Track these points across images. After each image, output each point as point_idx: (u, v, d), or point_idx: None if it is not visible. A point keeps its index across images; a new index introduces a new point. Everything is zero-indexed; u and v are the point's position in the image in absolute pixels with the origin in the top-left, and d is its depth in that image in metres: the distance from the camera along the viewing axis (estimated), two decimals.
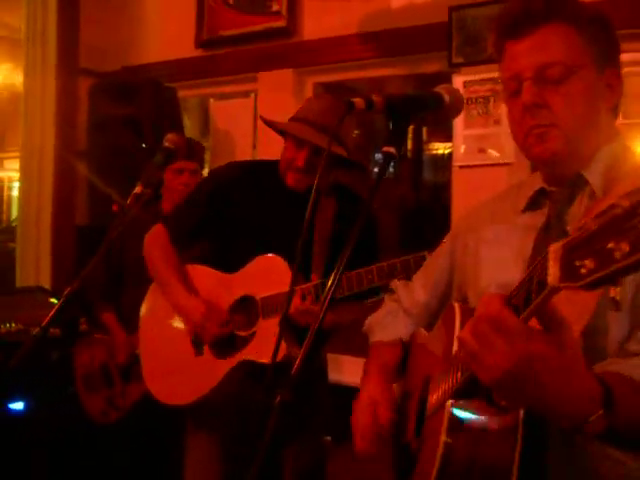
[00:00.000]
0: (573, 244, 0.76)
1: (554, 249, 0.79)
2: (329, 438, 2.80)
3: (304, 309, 1.98)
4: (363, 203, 1.09)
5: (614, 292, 0.73)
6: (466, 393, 1.09)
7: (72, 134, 3.97)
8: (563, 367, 0.90)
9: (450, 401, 1.11)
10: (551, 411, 0.94)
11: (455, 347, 1.17)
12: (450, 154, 4.52)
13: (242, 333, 2.16)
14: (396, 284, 1.64)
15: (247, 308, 2.16)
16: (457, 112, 1.20)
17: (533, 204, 1.29)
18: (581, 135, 1.19)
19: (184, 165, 2.97)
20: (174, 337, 2.26)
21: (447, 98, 1.18)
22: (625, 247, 0.69)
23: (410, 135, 7.02)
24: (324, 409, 2.37)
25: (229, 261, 2.22)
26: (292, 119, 2.23)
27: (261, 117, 2.30)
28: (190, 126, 4.27)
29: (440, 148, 6.57)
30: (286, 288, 2.04)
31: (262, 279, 2.14)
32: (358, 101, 1.10)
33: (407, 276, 1.90)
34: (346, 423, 1.50)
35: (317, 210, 2.23)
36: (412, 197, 6.46)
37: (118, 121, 3.67)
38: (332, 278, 1.03)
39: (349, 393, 1.61)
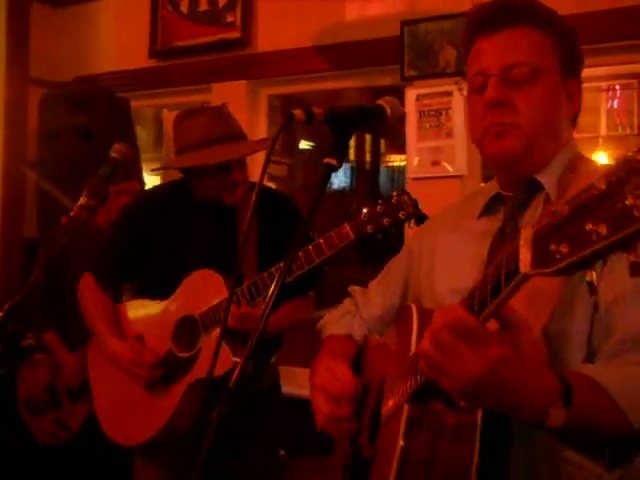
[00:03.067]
0: (545, 229, 0.74)
1: (525, 235, 0.77)
2: (283, 452, 2.78)
3: (242, 314, 1.95)
4: (306, 215, 1.08)
5: (590, 276, 0.72)
6: (423, 396, 1.09)
7: (21, 144, 3.88)
8: (525, 366, 0.90)
9: (407, 406, 1.10)
10: (512, 408, 0.94)
11: (413, 349, 1.16)
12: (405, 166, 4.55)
13: (187, 354, 2.12)
14: (354, 289, 1.64)
15: (189, 328, 2.13)
16: (398, 123, 1.21)
17: (489, 210, 1.29)
18: (540, 138, 1.19)
19: (121, 187, 2.91)
20: (123, 379, 2.21)
21: (389, 111, 1.18)
22: (603, 229, 0.67)
23: (368, 147, 7.08)
24: (278, 422, 2.35)
25: (164, 287, 2.20)
26: (191, 149, 2.13)
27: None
28: (144, 137, 4.23)
29: (396, 160, 6.64)
30: (221, 299, 2.04)
31: (197, 295, 2.11)
32: (298, 113, 1.10)
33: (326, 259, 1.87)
34: (300, 436, 1.47)
35: (239, 215, 2.21)
36: None
37: (69, 131, 3.59)
38: (273, 286, 1.02)
39: (302, 405, 1.59)
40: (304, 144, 6.27)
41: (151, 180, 4.26)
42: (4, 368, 3.01)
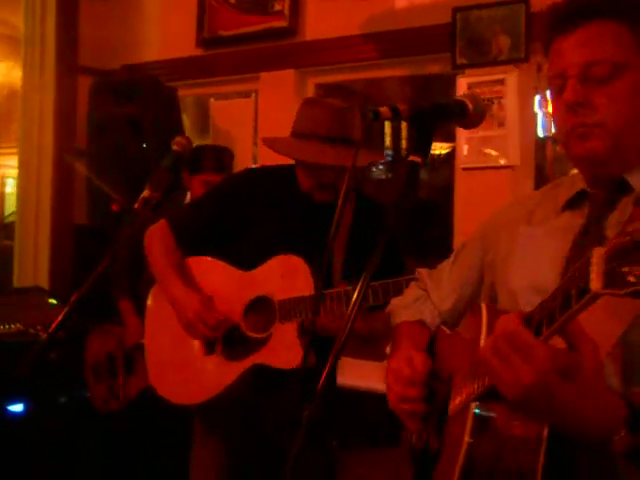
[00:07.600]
0: (619, 249, 0.74)
1: (597, 254, 0.76)
2: (335, 442, 2.78)
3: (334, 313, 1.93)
4: (387, 213, 1.07)
5: None
6: (491, 396, 1.07)
7: (71, 132, 3.94)
8: (585, 390, 0.90)
9: (475, 403, 1.10)
10: (572, 430, 0.95)
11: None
12: (447, 154, 4.50)
13: (256, 335, 2.10)
14: (421, 272, 1.60)
15: (262, 309, 2.10)
16: (480, 120, 1.19)
17: (572, 205, 1.25)
18: (626, 137, 1.15)
19: (211, 178, 2.93)
20: (183, 333, 2.18)
21: (471, 107, 1.16)
22: None
23: (405, 135, 7.01)
24: (332, 414, 2.34)
25: (241, 264, 2.18)
26: (299, 136, 2.11)
27: (264, 140, 2.22)
28: (190, 125, 4.25)
29: (437, 148, 6.55)
30: (305, 292, 2.00)
31: (280, 280, 2.06)
32: (384, 110, 1.09)
33: None
34: (351, 427, 1.47)
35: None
36: (410, 198, 6.44)
37: (118, 120, 3.64)
38: (359, 288, 1.01)
39: (352, 396, 1.59)
40: None
41: None
42: (64, 353, 3.07)
